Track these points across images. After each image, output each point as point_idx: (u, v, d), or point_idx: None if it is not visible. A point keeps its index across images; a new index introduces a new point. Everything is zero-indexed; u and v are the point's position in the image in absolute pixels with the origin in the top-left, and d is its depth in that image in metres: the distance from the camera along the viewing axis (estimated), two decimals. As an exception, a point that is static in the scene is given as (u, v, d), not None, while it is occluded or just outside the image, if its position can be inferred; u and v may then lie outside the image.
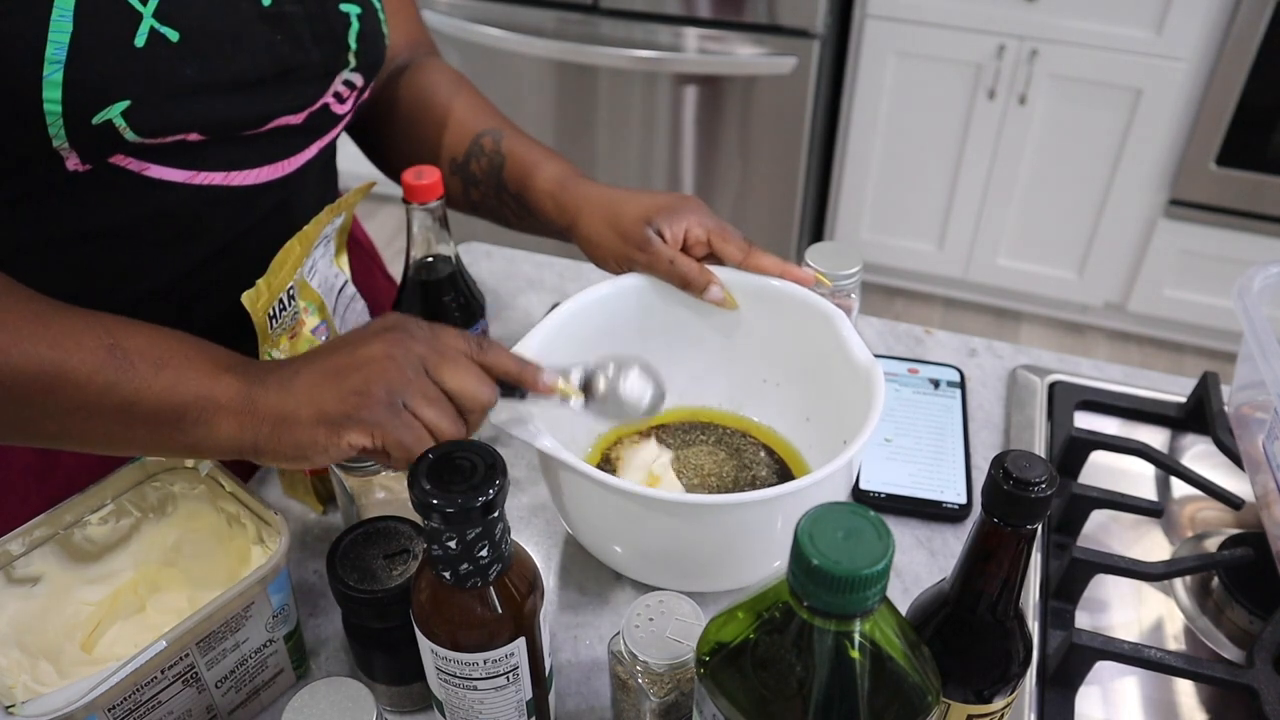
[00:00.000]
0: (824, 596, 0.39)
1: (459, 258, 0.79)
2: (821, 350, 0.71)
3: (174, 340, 0.55)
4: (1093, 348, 2.35)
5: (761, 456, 0.77)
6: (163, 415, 0.53)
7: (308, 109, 0.69)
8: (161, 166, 0.62)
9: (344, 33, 0.69)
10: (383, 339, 0.56)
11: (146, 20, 0.58)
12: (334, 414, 0.53)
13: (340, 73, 0.70)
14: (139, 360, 0.53)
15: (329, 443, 0.53)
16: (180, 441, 0.54)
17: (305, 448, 0.54)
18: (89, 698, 0.50)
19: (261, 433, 0.54)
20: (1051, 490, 0.44)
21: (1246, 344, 0.73)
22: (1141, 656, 0.62)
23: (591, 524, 0.66)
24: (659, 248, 0.72)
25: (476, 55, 2.20)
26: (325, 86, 0.70)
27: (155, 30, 0.58)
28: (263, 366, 0.56)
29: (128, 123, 0.58)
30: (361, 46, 0.71)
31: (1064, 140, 2.10)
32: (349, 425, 0.53)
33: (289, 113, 0.68)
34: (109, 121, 0.57)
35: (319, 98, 0.69)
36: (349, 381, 0.54)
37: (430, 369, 0.55)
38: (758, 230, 2.25)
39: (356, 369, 0.54)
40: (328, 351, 0.56)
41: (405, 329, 0.57)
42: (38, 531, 0.60)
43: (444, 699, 0.54)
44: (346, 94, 0.72)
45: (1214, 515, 0.79)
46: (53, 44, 0.55)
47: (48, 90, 0.55)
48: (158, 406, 0.53)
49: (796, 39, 1.98)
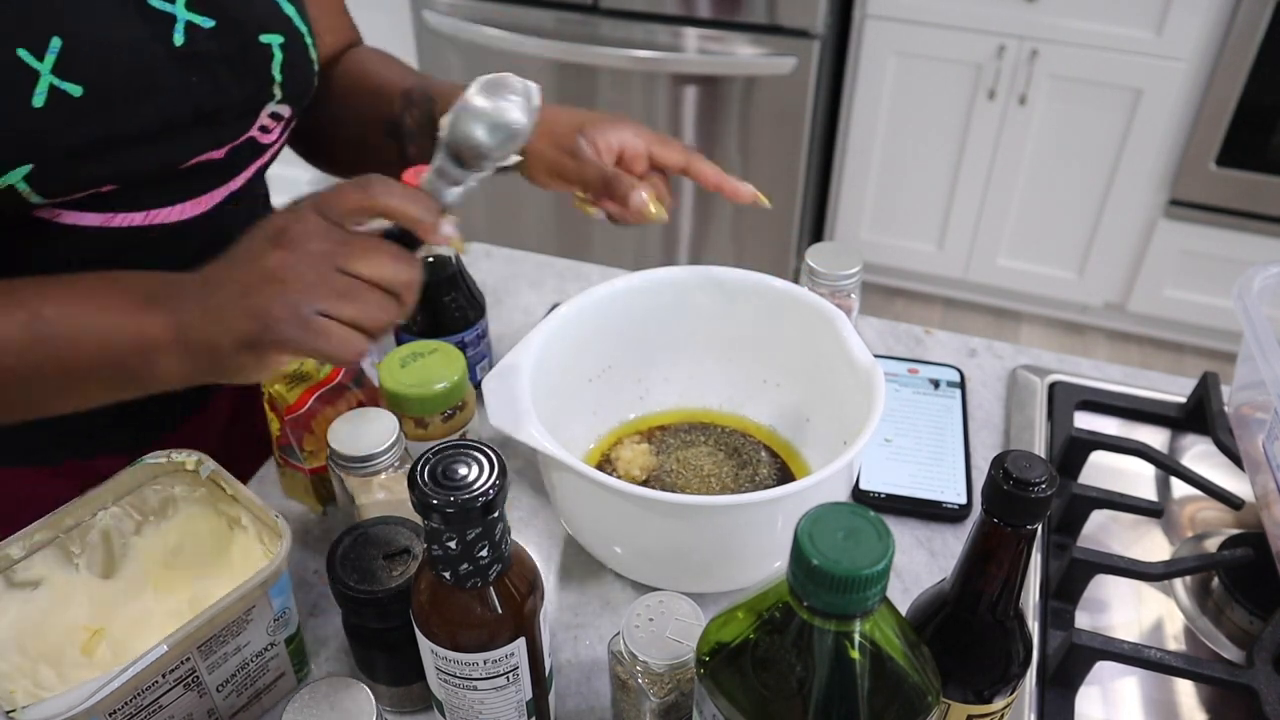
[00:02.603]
0: (824, 596, 0.39)
1: (459, 258, 0.79)
2: (822, 351, 0.71)
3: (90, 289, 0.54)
4: (1093, 348, 2.35)
5: (762, 457, 0.77)
6: (106, 372, 0.53)
7: (229, 144, 0.66)
8: (75, 212, 0.60)
9: (266, 66, 0.66)
10: (279, 247, 0.51)
11: (45, 78, 0.54)
12: (249, 336, 0.51)
13: (265, 107, 0.67)
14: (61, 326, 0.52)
15: (258, 364, 0.52)
16: (133, 388, 0.54)
17: (238, 371, 0.53)
18: (90, 702, 0.50)
19: (200, 364, 0.53)
20: (1051, 490, 0.44)
21: (1246, 344, 0.73)
22: (1141, 657, 0.62)
23: (591, 525, 0.66)
24: (589, 155, 0.70)
25: (476, 55, 2.20)
26: (250, 123, 0.67)
27: (55, 88, 0.54)
28: (182, 287, 0.54)
29: (30, 186, 0.56)
30: (286, 77, 0.67)
31: (1064, 140, 2.10)
32: (266, 346, 0.51)
33: (211, 149, 0.65)
34: (10, 187, 0.55)
35: (242, 133, 0.67)
36: (251, 300, 0.51)
37: (338, 262, 0.51)
38: (758, 230, 2.26)
39: (254, 287, 0.51)
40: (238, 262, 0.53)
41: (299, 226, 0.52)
42: (38, 535, 0.59)
43: (444, 699, 0.54)
44: (273, 125, 0.69)
45: (1214, 515, 0.79)
46: None
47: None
48: (97, 366, 0.52)
49: (796, 39, 1.98)
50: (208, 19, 0.62)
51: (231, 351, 0.52)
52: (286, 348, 0.51)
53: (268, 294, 0.51)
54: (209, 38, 0.62)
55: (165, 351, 0.52)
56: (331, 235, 0.52)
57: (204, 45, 0.62)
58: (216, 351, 0.52)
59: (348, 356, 0.52)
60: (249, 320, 0.51)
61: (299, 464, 0.73)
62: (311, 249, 0.51)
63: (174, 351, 0.52)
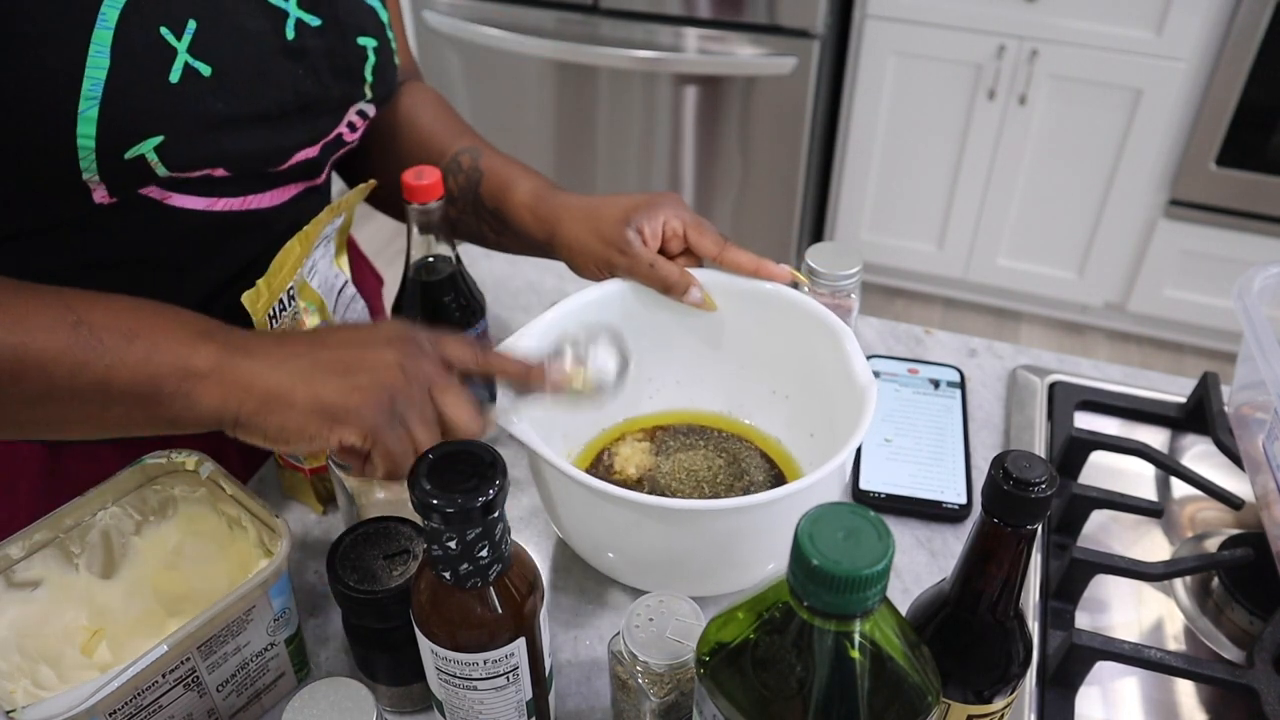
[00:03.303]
0: (824, 596, 0.39)
1: (459, 258, 0.79)
2: (825, 365, 0.70)
3: (142, 309, 0.53)
4: (1093, 348, 2.35)
5: (758, 465, 0.76)
6: (139, 390, 0.51)
7: (323, 140, 0.70)
8: (183, 196, 0.63)
9: (360, 66, 0.70)
10: (395, 348, 0.55)
11: (181, 56, 0.58)
12: (332, 406, 0.52)
13: (355, 104, 0.71)
14: (106, 335, 0.51)
15: (319, 433, 0.52)
16: (160, 416, 0.52)
17: (291, 433, 0.52)
18: (90, 702, 0.50)
19: (246, 407, 0.52)
20: (1051, 490, 0.44)
21: (1246, 344, 0.73)
22: (1141, 657, 0.62)
23: (583, 530, 0.66)
24: (639, 250, 0.71)
25: (476, 55, 2.21)
26: (340, 118, 0.70)
27: (189, 66, 0.59)
28: (246, 336, 0.54)
29: (159, 158, 0.58)
30: (376, 79, 0.72)
31: (1064, 140, 2.10)
32: (346, 420, 0.52)
33: (308, 145, 0.68)
34: (141, 156, 0.58)
35: (334, 129, 0.70)
36: (356, 378, 0.53)
37: (434, 391, 0.55)
38: (758, 230, 2.26)
39: (366, 370, 0.53)
40: (334, 344, 0.55)
41: (416, 342, 0.56)
42: (38, 535, 0.59)
43: (444, 699, 0.54)
44: (359, 124, 0.73)
45: (1214, 515, 0.79)
46: (89, 80, 0.55)
47: (82, 126, 0.55)
48: (133, 381, 0.51)
49: (796, 39, 1.98)
50: (315, 17, 0.67)
51: (303, 410, 0.52)
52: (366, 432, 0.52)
53: (375, 379, 0.53)
54: (315, 35, 0.66)
55: (207, 383, 0.51)
56: (438, 364, 0.56)
57: (311, 41, 0.66)
58: (282, 402, 0.52)
59: (401, 470, 0.53)
60: (347, 394, 0.52)
61: (299, 464, 0.73)
62: (423, 367, 0.55)
63: (218, 386, 0.52)
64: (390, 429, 0.53)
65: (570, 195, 0.75)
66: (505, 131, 2.28)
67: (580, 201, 0.74)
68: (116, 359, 0.51)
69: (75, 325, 0.51)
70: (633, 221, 0.71)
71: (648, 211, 0.72)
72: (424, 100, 0.84)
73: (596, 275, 0.74)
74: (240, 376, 0.52)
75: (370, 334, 0.56)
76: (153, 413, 0.52)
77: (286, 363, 0.53)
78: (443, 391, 0.55)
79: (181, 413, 0.52)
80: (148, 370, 0.51)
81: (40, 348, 0.50)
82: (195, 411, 0.52)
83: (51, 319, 0.51)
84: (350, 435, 0.52)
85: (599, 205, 0.73)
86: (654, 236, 0.72)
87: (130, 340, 0.51)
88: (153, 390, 0.51)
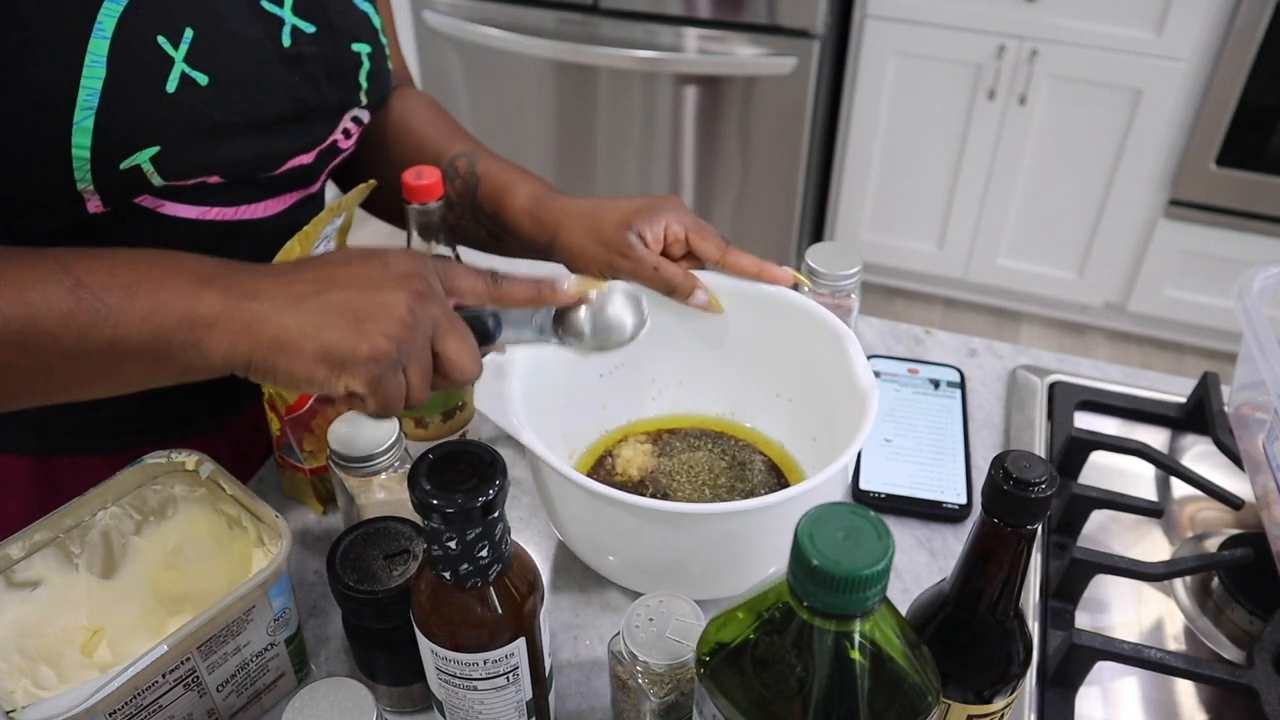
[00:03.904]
0: (824, 597, 0.39)
1: (459, 258, 0.79)
2: (828, 369, 0.70)
3: (139, 262, 0.52)
4: (1093, 348, 2.35)
5: (760, 469, 0.76)
6: (148, 346, 0.50)
7: (318, 147, 0.70)
8: (175, 203, 0.63)
9: (355, 72, 0.70)
10: (406, 289, 0.52)
11: (178, 65, 0.58)
12: (340, 356, 0.50)
13: (350, 110, 0.71)
14: (108, 295, 0.50)
15: (326, 380, 0.51)
16: (172, 367, 0.51)
17: (299, 379, 0.51)
18: (90, 702, 0.50)
19: (257, 352, 0.51)
20: (1051, 490, 0.44)
21: (1246, 344, 0.73)
22: (1141, 657, 0.62)
23: (584, 534, 0.66)
24: (642, 253, 0.71)
25: (476, 55, 2.21)
26: (335, 124, 0.70)
27: (186, 75, 0.58)
28: (248, 272, 0.53)
29: (155, 167, 0.58)
30: (371, 84, 0.72)
31: (1064, 140, 2.10)
32: (353, 372, 0.51)
33: (303, 152, 0.68)
34: (137, 166, 0.57)
35: (329, 135, 0.70)
36: (365, 327, 0.51)
37: (437, 335, 0.53)
38: (758, 230, 2.26)
39: (375, 317, 0.51)
40: (343, 282, 0.52)
41: (426, 279, 0.53)
42: (38, 535, 0.60)
43: (444, 699, 0.54)
44: (353, 130, 0.73)
45: (1214, 515, 0.79)
46: (85, 90, 0.54)
47: (77, 136, 0.55)
48: (140, 338, 0.50)
49: (796, 39, 1.99)
50: (310, 24, 0.67)
51: (310, 358, 0.50)
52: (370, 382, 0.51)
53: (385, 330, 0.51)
54: (311, 42, 0.66)
55: (216, 330, 0.50)
56: (444, 306, 0.54)
57: (306, 48, 0.66)
58: (289, 350, 0.50)
59: (392, 414, 0.52)
60: (355, 345, 0.50)
61: (299, 464, 0.73)
62: (431, 311, 0.53)
63: (226, 333, 0.50)
64: (393, 377, 0.51)
65: (570, 199, 0.75)
66: (505, 132, 2.28)
67: (580, 205, 0.74)
68: (121, 319, 0.50)
69: (74, 289, 0.50)
70: (634, 226, 0.71)
71: (649, 215, 0.72)
72: (417, 105, 0.84)
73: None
74: (247, 322, 0.51)
75: (381, 271, 0.53)
76: (165, 365, 0.51)
77: (294, 305, 0.51)
78: (445, 334, 0.54)
79: (193, 361, 0.51)
80: (153, 325, 0.50)
81: (44, 315, 0.49)
82: (206, 359, 0.51)
83: (52, 286, 0.50)
84: (356, 384, 0.51)
85: (599, 209, 0.73)
86: (656, 241, 0.72)
87: (132, 297, 0.50)
88: (162, 344, 0.50)
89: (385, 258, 0.54)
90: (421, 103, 0.84)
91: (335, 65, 0.68)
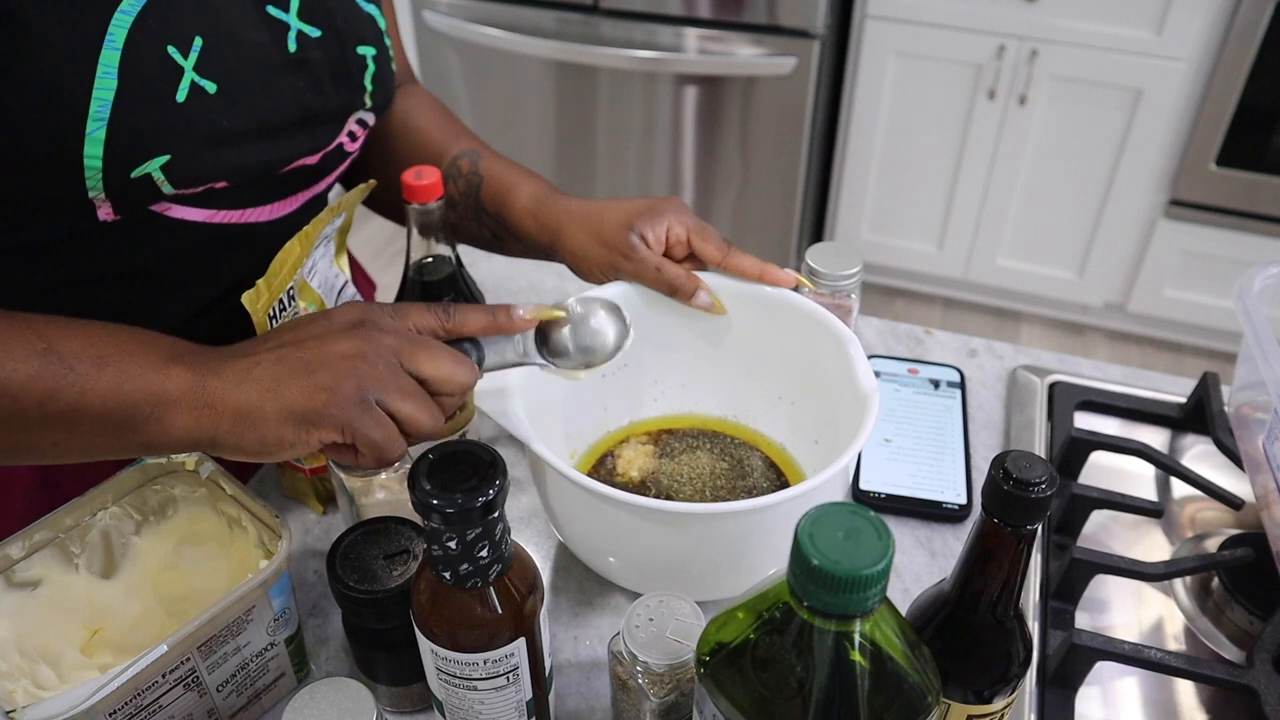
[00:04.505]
0: (824, 597, 0.39)
1: (459, 258, 0.79)
2: (830, 372, 0.70)
3: (112, 335, 0.52)
4: (1093, 348, 2.35)
5: (761, 470, 0.76)
6: (111, 417, 0.50)
7: (323, 150, 0.70)
8: (182, 207, 0.63)
9: (360, 75, 0.70)
10: (351, 336, 0.53)
11: (188, 74, 0.58)
12: (302, 410, 0.51)
13: (355, 113, 0.71)
14: (77, 362, 0.50)
15: (296, 439, 0.51)
16: (132, 441, 0.52)
17: (270, 444, 0.51)
18: (90, 702, 0.50)
19: (221, 427, 0.51)
20: (1051, 490, 0.44)
21: (1246, 344, 0.73)
22: (1141, 657, 0.62)
23: (584, 534, 0.65)
24: (644, 254, 0.71)
25: (476, 55, 2.21)
26: (340, 127, 0.70)
27: (195, 84, 0.58)
28: (214, 354, 0.53)
29: (165, 176, 0.58)
30: (376, 87, 0.72)
31: (1064, 140, 2.10)
32: (318, 422, 0.51)
33: (308, 154, 0.68)
34: (147, 175, 0.58)
35: (334, 139, 0.70)
36: (317, 378, 0.51)
37: (404, 360, 0.53)
38: (758, 230, 2.26)
39: (325, 365, 0.52)
40: (291, 343, 0.53)
41: (373, 322, 0.54)
42: (38, 535, 0.60)
43: (444, 699, 0.54)
44: (359, 132, 0.73)
45: (1214, 515, 0.79)
46: (97, 101, 0.54)
47: (89, 146, 0.55)
48: (104, 409, 0.50)
49: (796, 39, 1.99)
50: (315, 29, 0.67)
51: (275, 421, 0.51)
52: (341, 428, 0.51)
53: (337, 373, 0.51)
54: (316, 46, 0.67)
55: (179, 407, 0.51)
56: (402, 333, 0.55)
57: (312, 53, 0.66)
58: (253, 417, 0.51)
59: (390, 454, 0.52)
60: (311, 395, 0.51)
61: (299, 464, 0.73)
62: (385, 342, 0.53)
63: (190, 410, 0.51)
64: (365, 416, 0.51)
65: (572, 200, 0.75)
66: (505, 131, 2.28)
67: (582, 206, 0.74)
68: (87, 386, 0.50)
69: (45, 353, 0.50)
70: (636, 227, 0.71)
71: (651, 217, 0.72)
72: (420, 104, 0.84)
73: (600, 279, 0.74)
74: (210, 397, 0.51)
75: (326, 324, 0.55)
76: (126, 439, 0.51)
77: (251, 373, 0.52)
78: (413, 355, 0.54)
79: (155, 437, 0.51)
80: (119, 397, 0.50)
81: (8, 375, 0.49)
82: (169, 436, 0.51)
83: (21, 347, 0.49)
84: (328, 434, 0.52)
85: (602, 210, 0.73)
86: (658, 242, 0.72)
87: (101, 367, 0.50)
88: (125, 417, 0.50)
89: (331, 313, 0.56)
90: (425, 102, 0.85)
91: (340, 69, 0.69)
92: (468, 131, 0.84)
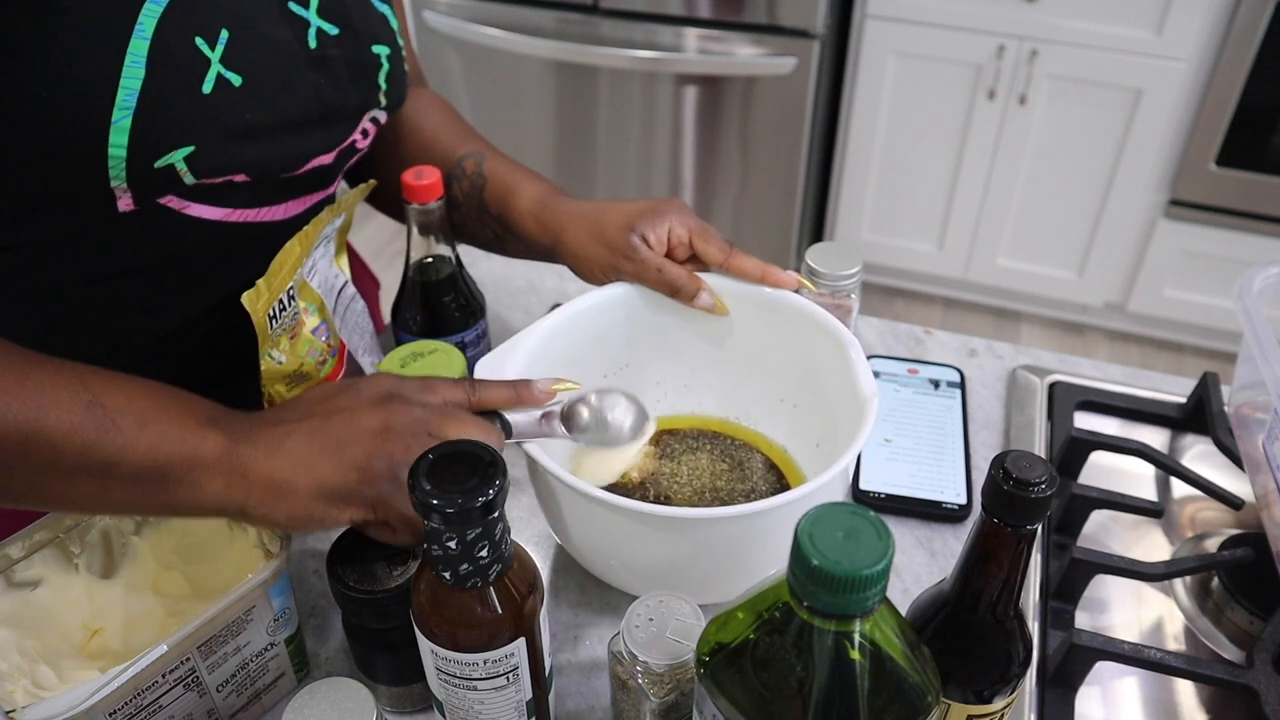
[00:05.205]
0: (824, 597, 0.39)
1: (459, 258, 0.79)
2: (831, 375, 0.70)
3: (155, 394, 0.53)
4: (1093, 348, 2.35)
5: (762, 473, 0.76)
6: (144, 475, 0.51)
7: (338, 147, 0.70)
8: (199, 205, 0.63)
9: (375, 73, 0.71)
10: (380, 410, 0.55)
11: (214, 66, 0.58)
12: (334, 488, 0.52)
13: (370, 111, 0.72)
14: (120, 418, 0.50)
15: (327, 516, 0.53)
16: (162, 501, 0.52)
17: (299, 519, 0.53)
18: (90, 702, 0.50)
19: (252, 497, 0.52)
20: (1051, 490, 0.44)
21: (1246, 344, 0.73)
22: (1141, 657, 0.62)
23: (584, 538, 0.65)
24: (645, 255, 0.71)
25: (476, 55, 2.21)
26: (355, 125, 0.71)
27: (221, 76, 0.59)
28: (247, 420, 0.55)
29: (188, 167, 0.59)
30: (390, 86, 0.72)
31: (1064, 140, 2.10)
32: (349, 500, 0.53)
33: (324, 152, 0.69)
34: (171, 165, 0.58)
35: (349, 136, 0.71)
36: (349, 454, 0.53)
37: (433, 429, 0.55)
38: (758, 230, 2.26)
39: (356, 442, 0.53)
40: (321, 415, 0.55)
41: (401, 395, 0.56)
42: (38, 535, 0.60)
43: (444, 699, 0.54)
44: (371, 130, 0.73)
45: (1214, 515, 0.79)
46: (124, 90, 0.55)
47: (114, 135, 0.55)
48: (140, 467, 0.51)
49: (796, 39, 1.99)
50: (334, 26, 0.67)
51: (306, 497, 0.52)
52: (374, 505, 0.53)
53: (369, 451, 0.53)
54: (334, 44, 0.67)
55: (212, 472, 0.52)
56: (429, 404, 0.57)
57: (331, 50, 0.67)
58: (284, 491, 0.52)
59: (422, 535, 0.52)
60: (344, 473, 0.53)
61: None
62: (413, 414, 0.55)
63: (223, 476, 0.52)
64: (398, 494, 0.53)
65: (574, 201, 0.75)
66: (505, 132, 2.28)
67: (584, 208, 0.74)
68: (127, 442, 0.50)
69: (90, 405, 0.50)
70: (637, 228, 0.71)
71: (653, 218, 0.72)
72: (429, 105, 0.84)
73: (602, 281, 0.74)
74: (243, 465, 0.52)
75: (354, 398, 0.56)
76: (156, 498, 0.52)
77: (283, 444, 0.53)
78: (441, 424, 0.55)
79: (185, 500, 0.52)
80: (156, 456, 0.51)
81: (52, 424, 0.49)
82: (199, 500, 0.52)
83: (67, 396, 0.50)
84: (358, 513, 0.53)
85: (603, 211, 0.73)
86: (659, 244, 0.72)
87: (142, 425, 0.51)
88: (159, 477, 0.51)
89: (359, 385, 0.57)
90: (433, 103, 0.85)
91: (357, 67, 0.69)
92: (475, 134, 0.84)
